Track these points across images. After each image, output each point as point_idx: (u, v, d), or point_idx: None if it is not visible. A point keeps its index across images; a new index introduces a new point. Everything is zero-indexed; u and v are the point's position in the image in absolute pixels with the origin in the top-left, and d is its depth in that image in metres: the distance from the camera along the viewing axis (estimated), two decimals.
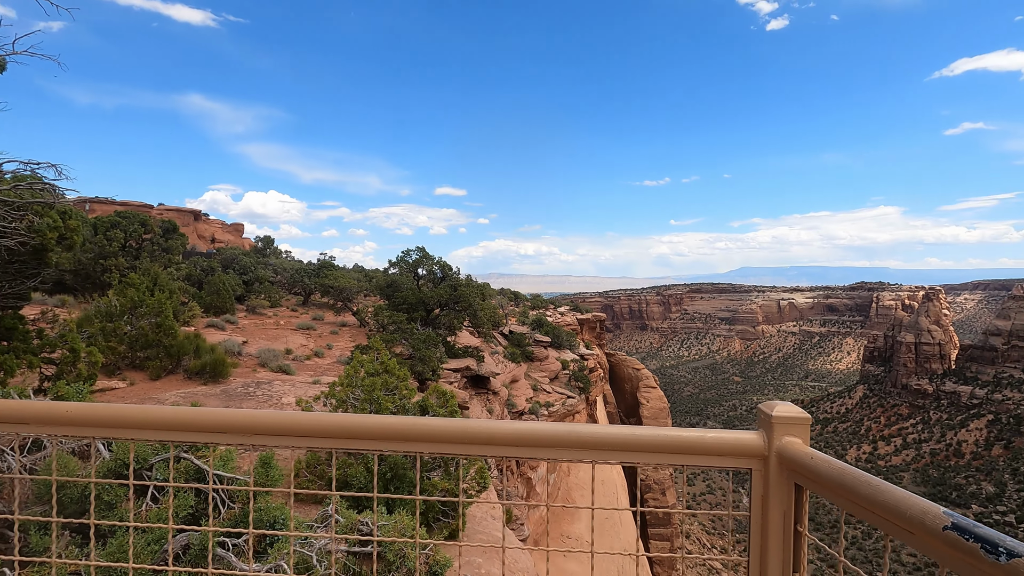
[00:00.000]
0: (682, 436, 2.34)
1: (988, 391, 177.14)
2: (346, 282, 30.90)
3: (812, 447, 2.29)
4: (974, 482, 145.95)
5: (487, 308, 41.78)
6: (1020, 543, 1.38)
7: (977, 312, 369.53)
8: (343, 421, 2.29)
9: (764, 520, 2.37)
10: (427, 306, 26.48)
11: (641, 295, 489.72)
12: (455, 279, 27.63)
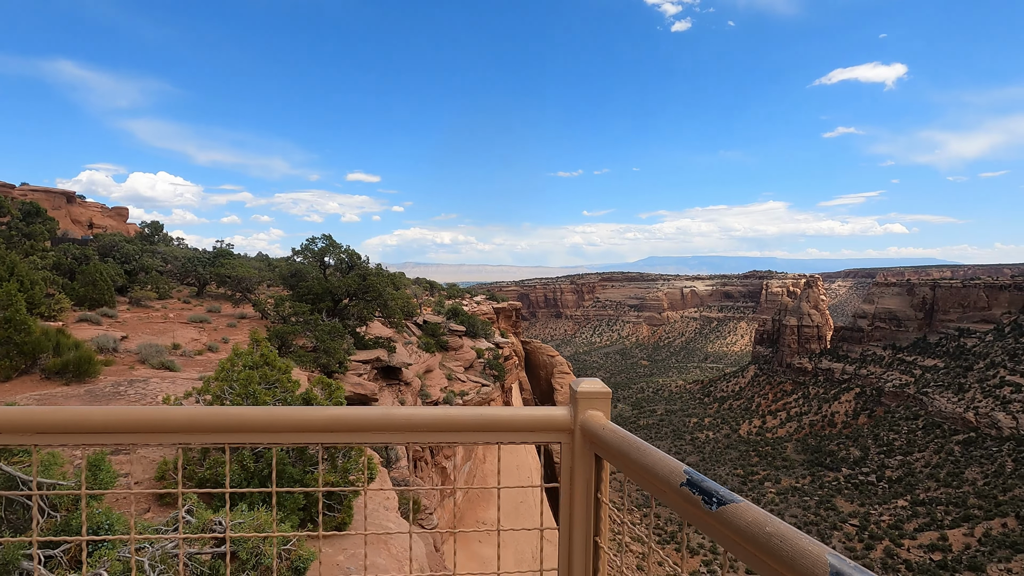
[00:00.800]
0: (497, 414, 2.43)
1: (856, 367, 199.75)
2: (245, 271, 28.86)
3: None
4: (844, 448, 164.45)
5: (399, 298, 40.91)
6: (732, 494, 1.61)
7: (848, 297, 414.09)
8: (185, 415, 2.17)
9: (571, 489, 2.51)
10: (334, 296, 25.40)
11: (556, 284, 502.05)
12: (364, 268, 26.68)
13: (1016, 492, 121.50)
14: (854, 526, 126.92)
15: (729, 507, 1.54)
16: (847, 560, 1.19)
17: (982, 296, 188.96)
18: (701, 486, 1.71)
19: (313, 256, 26.13)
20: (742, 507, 1.52)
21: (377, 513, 7.56)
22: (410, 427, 2.36)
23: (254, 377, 6.51)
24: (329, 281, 25.51)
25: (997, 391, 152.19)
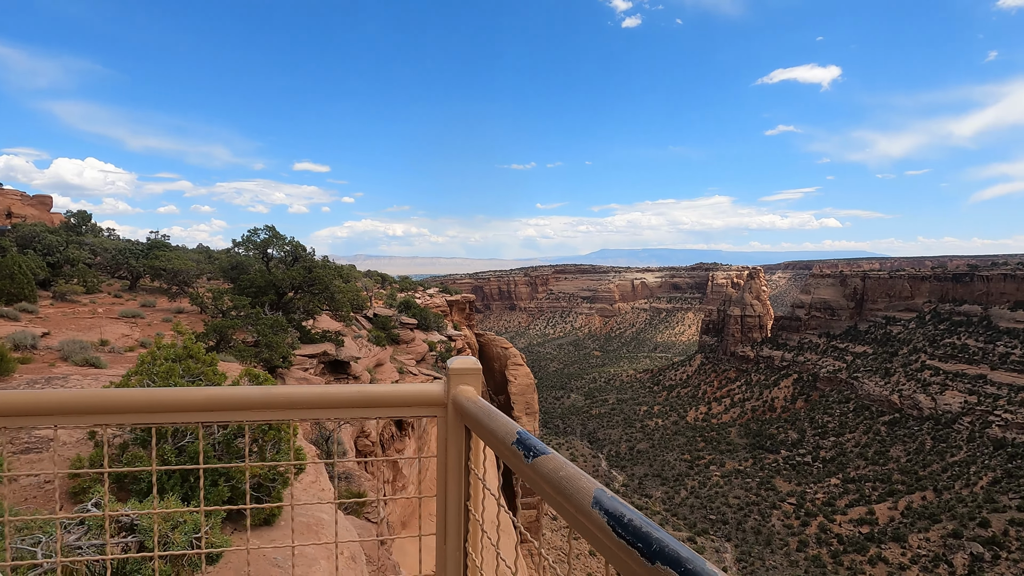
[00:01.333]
0: (376, 391, 2.60)
1: (794, 354, 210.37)
2: (182, 264, 27.51)
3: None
4: (783, 431, 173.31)
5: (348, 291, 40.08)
6: (545, 448, 1.94)
7: (787, 288, 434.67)
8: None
9: (446, 460, 2.69)
10: (279, 289, 24.61)
11: (510, 276, 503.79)
12: (310, 260, 25.94)
13: (934, 467, 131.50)
14: (792, 504, 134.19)
15: (540, 458, 1.87)
16: (607, 491, 1.55)
17: (906, 287, 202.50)
18: (525, 443, 2.00)
19: (255, 248, 25.18)
20: (549, 457, 1.86)
21: (311, 505, 7.44)
22: (290, 405, 2.48)
23: (176, 370, 6.21)
24: (273, 274, 24.69)
25: (919, 375, 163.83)
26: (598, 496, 1.58)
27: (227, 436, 6.12)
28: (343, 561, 6.13)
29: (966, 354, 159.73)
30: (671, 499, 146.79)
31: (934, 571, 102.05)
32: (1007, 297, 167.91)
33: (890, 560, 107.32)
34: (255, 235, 24.82)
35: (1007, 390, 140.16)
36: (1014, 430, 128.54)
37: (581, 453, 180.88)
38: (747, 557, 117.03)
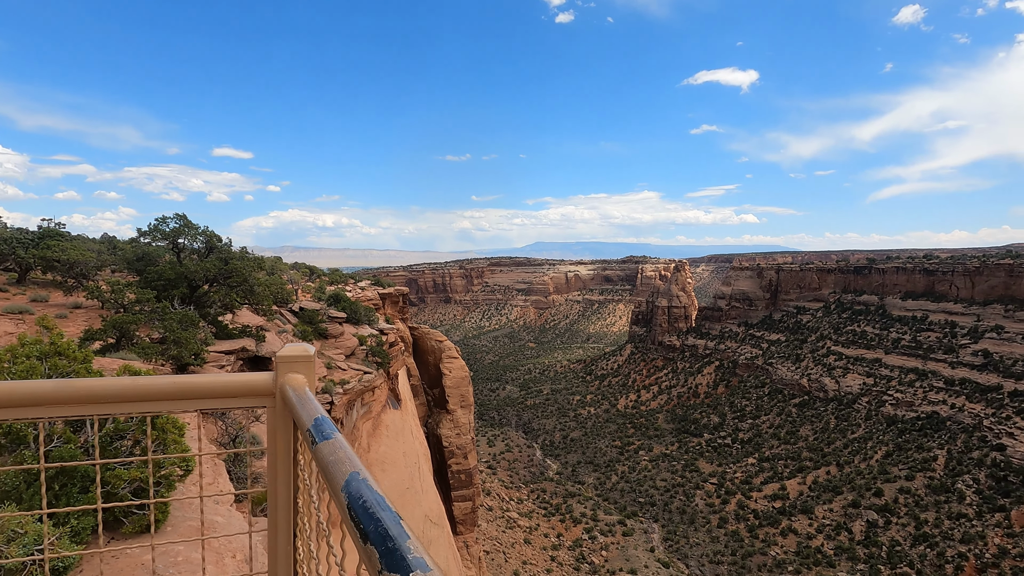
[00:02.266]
0: (196, 381, 2.50)
1: (716, 343, 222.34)
2: (79, 255, 25.16)
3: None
4: (706, 416, 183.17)
5: (271, 283, 38.24)
6: (332, 433, 2.01)
7: (710, 280, 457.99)
8: None
9: (275, 450, 2.64)
10: (191, 282, 23.07)
11: (445, 269, 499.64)
12: (226, 251, 24.47)
13: (837, 444, 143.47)
14: (713, 484, 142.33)
15: (322, 443, 1.93)
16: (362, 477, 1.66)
17: (815, 278, 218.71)
18: (317, 428, 2.05)
19: (164, 238, 23.42)
20: (329, 442, 1.91)
21: (205, 506, 6.98)
22: (92, 399, 2.31)
23: (39, 369, 5.55)
24: (184, 266, 23.09)
25: (825, 360, 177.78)
26: (350, 479, 1.67)
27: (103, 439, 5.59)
28: (234, 564, 5.80)
29: (865, 340, 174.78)
30: (603, 484, 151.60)
31: (836, 538, 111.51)
32: (899, 288, 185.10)
33: (799, 531, 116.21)
34: (163, 224, 23.06)
35: (898, 372, 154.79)
36: (903, 408, 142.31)
37: (516, 443, 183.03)
38: (673, 536, 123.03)
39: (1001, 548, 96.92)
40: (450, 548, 59.85)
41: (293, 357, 2.53)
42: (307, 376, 2.55)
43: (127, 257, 25.44)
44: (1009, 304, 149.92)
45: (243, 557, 5.81)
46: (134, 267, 24.88)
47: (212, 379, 2.46)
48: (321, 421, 2.11)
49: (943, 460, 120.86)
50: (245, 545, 6.07)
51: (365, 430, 48.00)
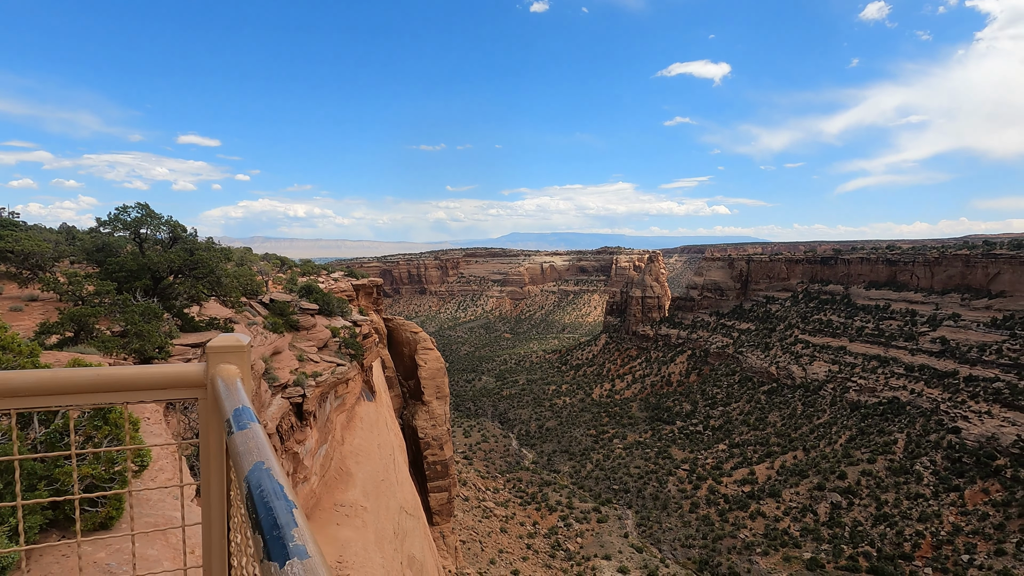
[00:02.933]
0: (122, 373, 2.44)
1: (688, 332, 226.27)
2: (34, 245, 24.13)
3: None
4: (678, 404, 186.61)
5: (240, 275, 37.45)
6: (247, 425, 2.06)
7: (683, 271, 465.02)
8: None
9: (208, 442, 2.61)
10: (155, 274, 22.37)
11: (420, 260, 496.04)
12: (191, 242, 23.77)
13: (803, 430, 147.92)
14: (685, 470, 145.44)
15: (236, 434, 1.96)
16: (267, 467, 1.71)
17: (783, 268, 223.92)
18: (235, 419, 2.06)
19: (125, 228, 22.60)
20: (243, 432, 1.94)
21: (163, 503, 6.78)
22: (7, 392, 2.23)
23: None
24: (147, 256, 22.36)
25: (792, 348, 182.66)
26: (253, 468, 1.70)
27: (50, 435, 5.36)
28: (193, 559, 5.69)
29: (830, 328, 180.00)
30: (578, 472, 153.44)
31: (802, 520, 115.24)
32: (863, 278, 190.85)
33: (767, 514, 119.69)
34: (124, 213, 22.24)
35: (862, 359, 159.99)
36: (866, 394, 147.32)
37: (492, 434, 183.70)
38: (646, 522, 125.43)
39: (955, 526, 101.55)
40: (426, 539, 59.91)
41: (225, 348, 2.48)
42: (240, 367, 2.51)
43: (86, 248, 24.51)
44: (965, 293, 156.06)
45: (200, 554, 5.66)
46: (94, 258, 24.00)
47: (140, 371, 2.41)
48: (240, 411, 2.11)
49: (903, 443, 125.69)
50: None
51: (339, 422, 47.53)
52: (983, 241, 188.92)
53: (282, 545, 1.34)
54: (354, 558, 31.92)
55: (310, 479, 37.70)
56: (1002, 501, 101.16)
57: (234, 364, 2.50)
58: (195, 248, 23.30)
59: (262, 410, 29.78)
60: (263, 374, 29.99)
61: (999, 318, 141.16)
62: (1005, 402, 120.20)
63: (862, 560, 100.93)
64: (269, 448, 1.88)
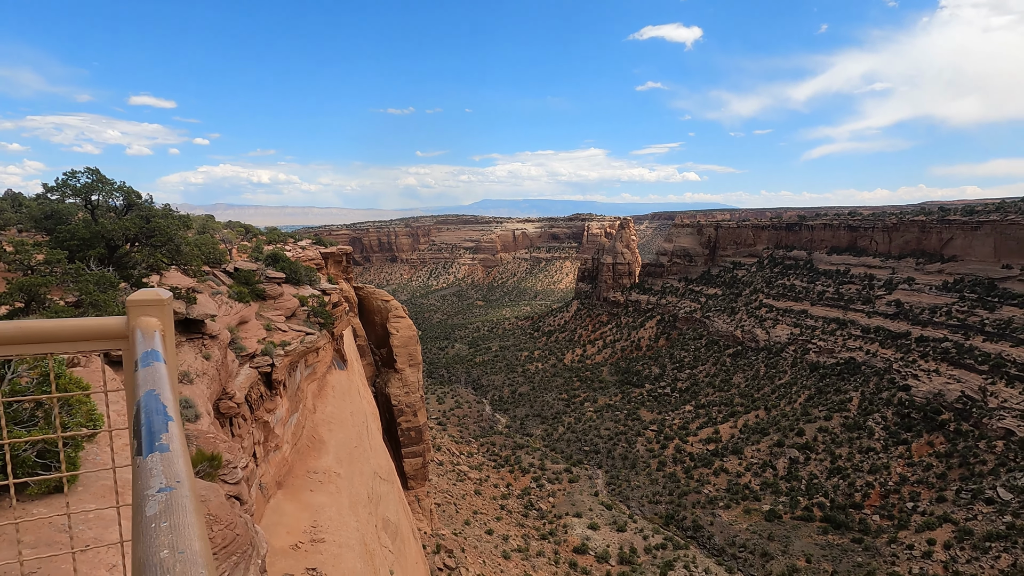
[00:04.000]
0: (40, 325, 2.46)
1: (657, 298, 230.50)
2: None
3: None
4: (647, 368, 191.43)
5: (201, 243, 36.46)
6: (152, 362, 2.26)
7: (653, 237, 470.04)
8: None
9: (130, 389, 2.69)
10: (110, 242, 21.54)
11: (390, 227, 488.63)
12: (147, 208, 22.87)
13: (765, 390, 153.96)
14: (653, 431, 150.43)
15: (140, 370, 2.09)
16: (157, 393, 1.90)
17: (750, 235, 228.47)
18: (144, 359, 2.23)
19: (75, 194, 21.57)
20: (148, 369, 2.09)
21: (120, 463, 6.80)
22: None
23: None
24: (101, 224, 21.48)
25: (757, 312, 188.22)
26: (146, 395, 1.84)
27: None
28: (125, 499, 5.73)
29: (793, 293, 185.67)
30: (550, 435, 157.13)
31: (762, 475, 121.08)
32: (826, 243, 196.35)
33: (730, 470, 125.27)
34: (73, 178, 21.19)
35: (822, 322, 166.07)
36: (825, 355, 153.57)
37: (466, 400, 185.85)
38: (616, 481, 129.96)
39: (902, 476, 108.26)
40: (400, 502, 60.95)
41: (144, 301, 2.55)
42: (162, 320, 2.57)
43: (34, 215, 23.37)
44: (920, 258, 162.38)
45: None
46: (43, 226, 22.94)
47: (62, 323, 2.44)
48: (148, 354, 2.23)
49: (857, 401, 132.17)
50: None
51: (310, 391, 47.39)
52: (939, 208, 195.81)
53: (150, 444, 1.59)
54: (328, 522, 32.37)
55: (282, 447, 37.73)
56: (945, 452, 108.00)
57: (155, 317, 2.56)
58: (152, 215, 22.47)
59: (230, 379, 29.41)
60: (229, 344, 29.51)
61: (950, 281, 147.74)
62: (952, 360, 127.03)
63: (816, 510, 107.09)
64: (168, 381, 2.00)
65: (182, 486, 1.67)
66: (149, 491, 1.60)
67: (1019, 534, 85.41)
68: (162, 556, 1.38)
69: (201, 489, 8.40)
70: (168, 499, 1.58)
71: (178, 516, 1.55)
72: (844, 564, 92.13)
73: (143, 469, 1.65)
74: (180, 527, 1.50)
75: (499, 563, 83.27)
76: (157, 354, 2.26)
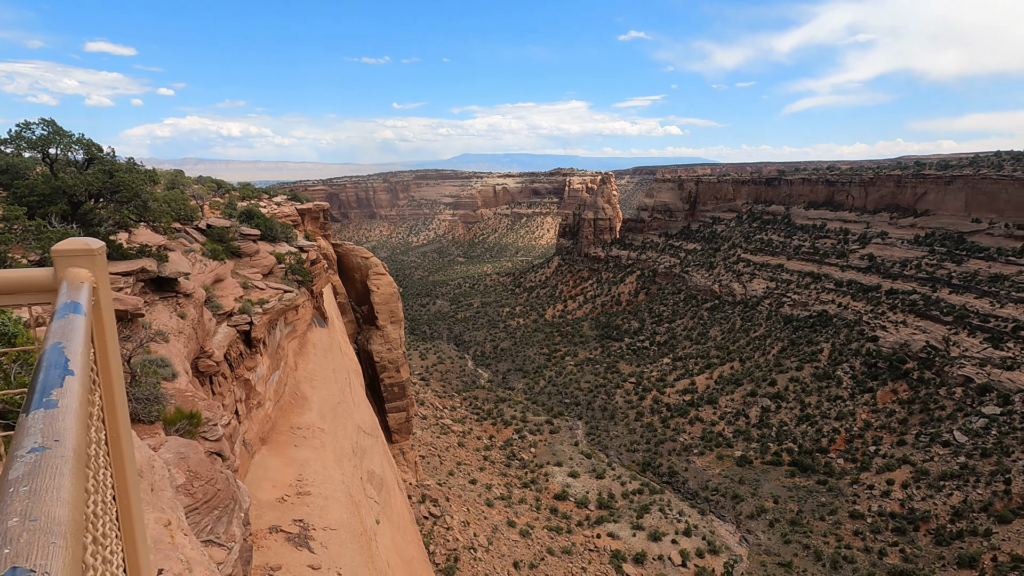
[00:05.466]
0: None
1: (638, 253, 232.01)
2: None
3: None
4: (627, 322, 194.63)
5: (171, 199, 35.30)
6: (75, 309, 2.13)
7: (634, 192, 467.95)
8: None
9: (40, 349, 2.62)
10: (72, 198, 20.65)
11: (368, 183, 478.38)
12: (110, 163, 21.89)
13: (741, 343, 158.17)
14: (632, 383, 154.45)
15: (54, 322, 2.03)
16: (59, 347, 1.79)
17: (730, 190, 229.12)
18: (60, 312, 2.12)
19: (31, 147, 20.48)
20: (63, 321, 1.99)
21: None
22: None
23: None
24: (61, 179, 20.53)
25: (735, 267, 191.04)
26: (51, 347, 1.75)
27: None
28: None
29: (770, 247, 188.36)
30: (532, 389, 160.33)
31: (735, 423, 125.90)
32: (804, 198, 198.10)
33: (704, 419, 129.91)
34: (27, 130, 20.07)
35: (797, 276, 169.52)
36: (799, 308, 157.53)
37: (448, 355, 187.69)
38: (595, 431, 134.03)
39: (867, 422, 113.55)
40: (385, 455, 62.12)
41: (71, 251, 2.37)
42: (94, 272, 2.40)
43: None
44: (895, 212, 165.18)
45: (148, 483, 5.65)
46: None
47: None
48: (65, 306, 2.11)
49: (828, 352, 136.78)
50: (151, 458, 5.94)
51: (291, 349, 47.27)
52: (915, 162, 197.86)
53: (38, 401, 1.46)
54: (313, 476, 32.93)
55: (264, 404, 37.85)
56: (908, 399, 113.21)
57: (85, 268, 2.40)
58: (115, 169, 21.51)
59: (207, 338, 29.08)
60: (205, 302, 29.01)
61: (921, 235, 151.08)
62: (919, 312, 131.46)
63: (785, 455, 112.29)
64: (82, 334, 1.87)
65: (61, 445, 1.54)
66: (19, 452, 1.47)
67: (971, 473, 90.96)
68: (9, 524, 1.25)
69: (180, 447, 8.40)
70: (38, 460, 1.45)
71: (44, 479, 1.41)
72: (809, 504, 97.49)
73: (22, 428, 1.52)
74: (41, 491, 1.36)
75: (483, 510, 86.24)
76: (76, 306, 2.11)
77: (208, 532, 8.22)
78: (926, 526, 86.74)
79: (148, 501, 6.09)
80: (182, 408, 12.37)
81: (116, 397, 2.61)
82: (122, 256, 22.25)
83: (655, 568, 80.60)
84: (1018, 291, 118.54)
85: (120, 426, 2.62)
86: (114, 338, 2.62)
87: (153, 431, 11.82)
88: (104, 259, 2.42)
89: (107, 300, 2.51)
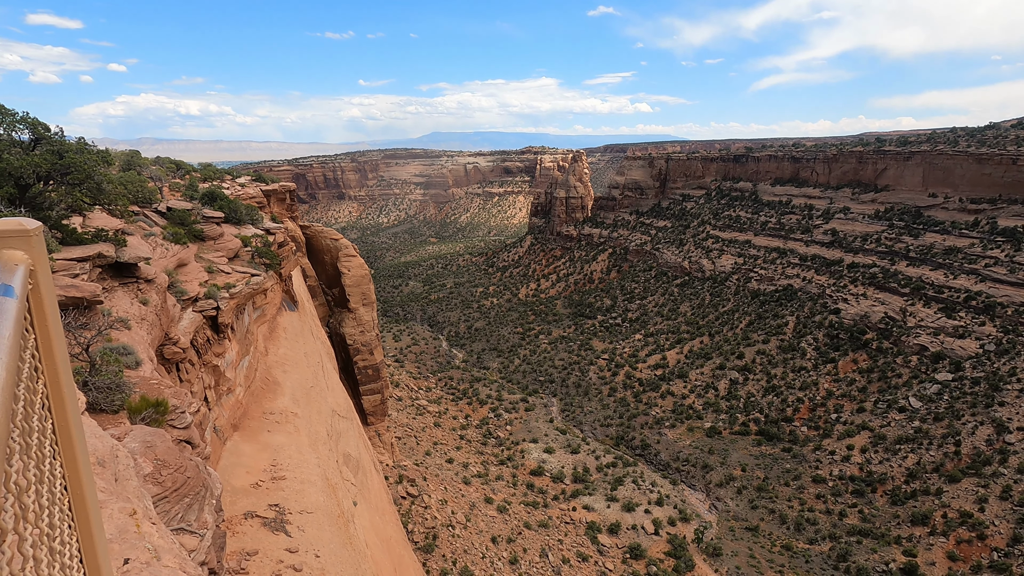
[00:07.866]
0: None
1: (609, 231, 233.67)
2: None
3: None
4: (599, 300, 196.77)
5: (127, 180, 33.89)
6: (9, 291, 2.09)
7: (605, 170, 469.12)
8: None
9: None
10: (18, 180, 19.60)
11: (336, 162, 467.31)
12: (59, 143, 20.80)
13: (710, 318, 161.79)
14: (605, 360, 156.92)
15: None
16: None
17: (699, 167, 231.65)
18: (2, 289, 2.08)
19: None
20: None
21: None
22: None
23: None
24: (6, 160, 19.44)
25: (704, 243, 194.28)
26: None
27: None
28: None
29: (738, 224, 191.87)
30: (506, 367, 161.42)
31: (705, 396, 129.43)
32: (771, 175, 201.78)
33: (675, 393, 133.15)
34: None
35: (763, 251, 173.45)
36: (765, 283, 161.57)
37: (422, 336, 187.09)
38: (570, 407, 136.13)
39: (829, 391, 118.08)
40: (361, 438, 61.98)
41: (2, 232, 2.26)
42: (31, 254, 2.27)
43: None
44: (857, 188, 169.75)
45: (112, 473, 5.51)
46: None
47: None
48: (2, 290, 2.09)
49: (793, 325, 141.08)
50: (102, 444, 5.78)
51: (261, 334, 46.37)
52: (876, 139, 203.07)
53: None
54: (288, 460, 32.67)
55: (235, 390, 37.17)
56: (867, 368, 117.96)
57: (20, 250, 2.29)
58: (65, 150, 20.47)
59: (172, 324, 28.28)
60: (168, 287, 28.11)
61: (881, 210, 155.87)
62: (878, 284, 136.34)
63: (752, 425, 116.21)
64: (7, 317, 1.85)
65: None
66: None
67: (924, 437, 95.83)
68: None
69: (147, 435, 8.20)
70: None
71: None
72: (775, 471, 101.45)
73: None
74: None
75: (460, 488, 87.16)
76: (8, 288, 2.04)
77: (179, 520, 8.10)
78: (883, 487, 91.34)
79: (112, 491, 5.94)
80: (147, 396, 12.04)
81: (63, 385, 2.50)
82: (77, 241, 21.32)
83: (629, 537, 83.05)
84: (970, 263, 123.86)
85: (69, 415, 2.52)
86: (57, 324, 2.50)
87: (118, 420, 11.50)
88: (42, 240, 2.31)
89: (47, 284, 2.38)
